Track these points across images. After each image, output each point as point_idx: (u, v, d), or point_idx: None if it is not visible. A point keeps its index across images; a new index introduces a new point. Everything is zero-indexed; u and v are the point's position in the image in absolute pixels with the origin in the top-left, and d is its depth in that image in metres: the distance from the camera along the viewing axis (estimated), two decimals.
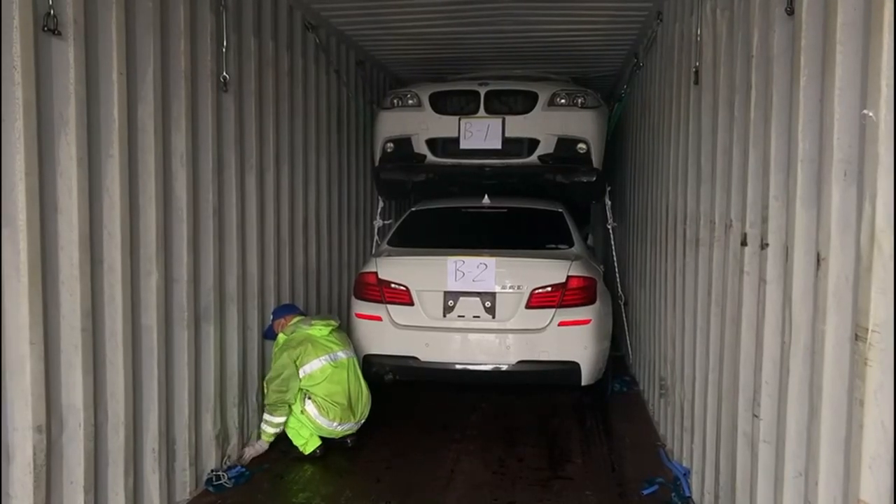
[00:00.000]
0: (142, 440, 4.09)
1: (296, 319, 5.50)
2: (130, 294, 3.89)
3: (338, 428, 5.29)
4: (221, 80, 4.81)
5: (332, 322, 5.53)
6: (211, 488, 4.67)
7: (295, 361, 5.22)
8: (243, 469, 4.93)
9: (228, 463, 4.97)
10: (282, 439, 5.31)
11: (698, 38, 4.38)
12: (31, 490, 3.24)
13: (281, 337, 5.44)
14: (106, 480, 3.79)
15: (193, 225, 4.52)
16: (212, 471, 4.78)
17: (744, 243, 3.44)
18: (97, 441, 3.67)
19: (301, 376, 5.23)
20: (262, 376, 5.52)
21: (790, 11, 2.87)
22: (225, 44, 4.80)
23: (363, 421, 5.49)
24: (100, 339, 3.68)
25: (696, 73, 4.43)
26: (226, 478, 4.74)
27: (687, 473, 4.61)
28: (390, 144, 6.92)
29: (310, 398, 5.22)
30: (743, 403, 3.46)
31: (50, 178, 3.33)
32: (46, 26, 3.22)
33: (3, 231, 3.10)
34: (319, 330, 5.39)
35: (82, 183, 3.47)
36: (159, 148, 4.12)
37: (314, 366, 5.25)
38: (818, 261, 2.55)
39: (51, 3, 3.22)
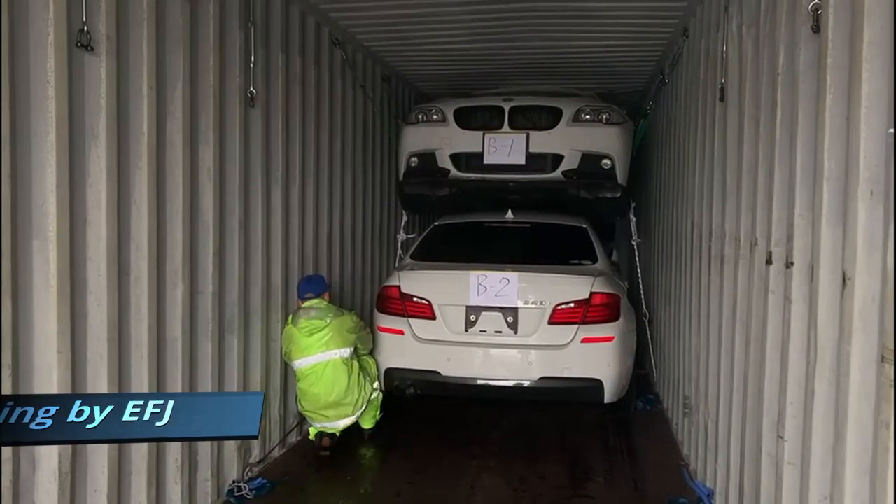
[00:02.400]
0: (165, 450, 4.12)
1: (303, 305, 5.52)
2: (156, 305, 3.95)
3: (313, 423, 5.57)
4: (249, 94, 4.88)
5: (318, 323, 5.34)
6: (232, 499, 4.70)
7: (286, 354, 5.44)
8: (265, 481, 4.94)
9: (250, 474, 4.99)
10: (302, 454, 5.33)
11: (724, 55, 4.36)
12: (56, 498, 3.28)
13: (288, 321, 5.49)
14: (129, 490, 3.83)
15: (219, 238, 4.59)
16: (233, 482, 4.81)
17: (769, 262, 3.40)
18: (121, 450, 3.71)
19: (294, 368, 5.45)
20: (285, 388, 5.57)
21: (816, 29, 2.85)
22: (253, 59, 4.87)
23: (347, 420, 5.52)
24: (125, 349, 3.74)
25: (722, 89, 4.41)
26: (247, 489, 4.77)
27: (710, 494, 4.54)
28: (415, 159, 6.96)
29: None
30: (767, 424, 3.41)
31: (80, 191, 3.39)
32: (80, 42, 3.29)
33: (34, 242, 3.16)
34: (299, 331, 5.34)
35: (111, 195, 3.53)
36: (187, 161, 4.19)
37: (295, 365, 5.41)
38: (844, 280, 2.52)
39: (84, 19, 3.30)
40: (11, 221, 3.02)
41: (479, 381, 5.75)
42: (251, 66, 4.87)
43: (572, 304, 5.70)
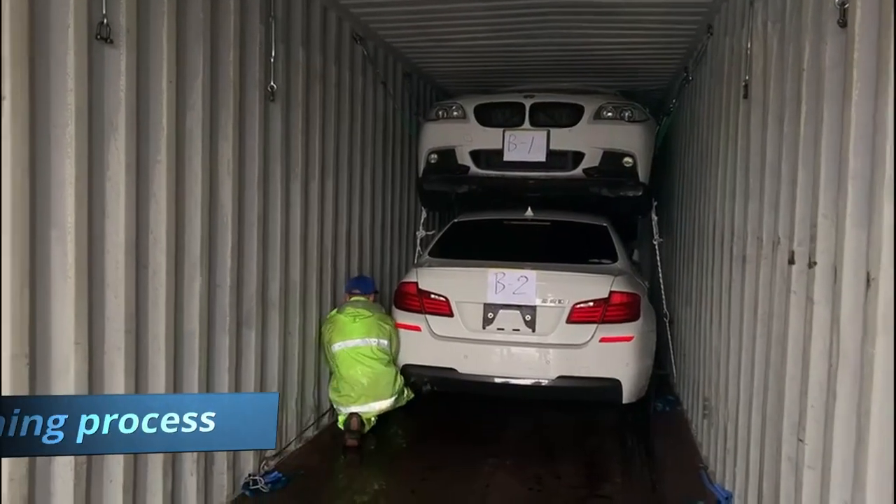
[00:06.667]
0: None
1: (350, 299, 6.02)
2: (174, 298, 3.96)
3: (342, 409, 5.74)
4: (269, 89, 4.88)
5: (364, 312, 5.79)
6: (248, 492, 4.71)
7: (327, 340, 5.75)
8: (280, 475, 4.95)
9: (266, 468, 5.00)
10: (319, 449, 5.33)
11: (748, 52, 4.30)
12: (72, 487, 3.30)
13: (333, 311, 5.95)
14: (145, 481, 3.84)
15: (238, 232, 4.59)
16: (249, 475, 4.81)
17: (791, 262, 3.34)
18: None
19: (333, 352, 5.75)
20: (302, 382, 5.60)
21: (843, 24, 2.79)
22: (273, 54, 4.87)
23: (384, 403, 5.70)
24: (142, 341, 3.75)
25: (746, 87, 4.34)
26: (263, 483, 4.77)
27: (729, 497, 4.47)
28: (434, 156, 6.94)
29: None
30: (788, 427, 3.35)
31: (98, 183, 3.40)
32: (100, 35, 3.30)
33: (52, 232, 3.18)
34: (345, 317, 5.77)
35: (130, 188, 3.54)
36: (206, 155, 4.19)
37: (335, 348, 5.73)
38: (868, 281, 2.46)
39: (104, 12, 3.31)
40: (30, 212, 3.04)
41: (497, 380, 5.73)
42: (272, 60, 4.87)
43: (591, 303, 5.65)
